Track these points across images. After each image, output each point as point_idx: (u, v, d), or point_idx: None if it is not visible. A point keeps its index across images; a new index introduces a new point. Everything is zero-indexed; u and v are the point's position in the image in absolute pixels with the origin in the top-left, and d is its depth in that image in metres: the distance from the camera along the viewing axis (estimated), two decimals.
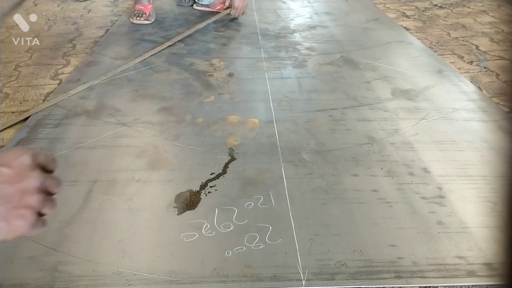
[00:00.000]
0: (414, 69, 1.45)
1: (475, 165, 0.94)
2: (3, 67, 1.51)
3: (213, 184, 0.89)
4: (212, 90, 1.31)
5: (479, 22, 1.99)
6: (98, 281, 0.67)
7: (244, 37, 1.80)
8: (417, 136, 1.05)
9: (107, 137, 1.06)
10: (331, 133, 1.08)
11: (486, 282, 0.67)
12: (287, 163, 0.95)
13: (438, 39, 1.78)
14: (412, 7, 2.28)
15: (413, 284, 0.66)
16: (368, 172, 0.92)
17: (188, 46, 1.69)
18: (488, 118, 1.14)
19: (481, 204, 0.83)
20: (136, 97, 1.26)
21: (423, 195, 0.85)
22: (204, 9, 2.12)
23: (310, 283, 0.66)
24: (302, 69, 1.47)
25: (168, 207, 0.82)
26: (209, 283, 0.66)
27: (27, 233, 0.43)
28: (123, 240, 0.74)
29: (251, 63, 1.52)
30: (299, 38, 1.78)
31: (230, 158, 0.97)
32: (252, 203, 0.83)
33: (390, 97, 1.25)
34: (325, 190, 0.87)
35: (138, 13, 1.96)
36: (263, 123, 1.12)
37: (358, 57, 1.55)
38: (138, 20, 1.96)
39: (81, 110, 1.19)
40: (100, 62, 1.53)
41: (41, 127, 1.10)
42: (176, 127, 1.11)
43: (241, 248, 0.72)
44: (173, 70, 1.46)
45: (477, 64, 1.51)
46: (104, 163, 0.96)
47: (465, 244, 0.73)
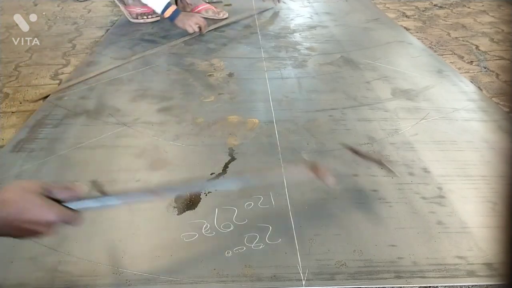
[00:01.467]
0: (414, 69, 1.45)
1: (475, 165, 0.94)
2: (3, 67, 1.51)
3: (213, 184, 0.89)
4: (212, 90, 1.31)
5: (479, 22, 1.99)
6: (98, 281, 0.67)
7: (244, 37, 1.80)
8: (417, 136, 1.05)
9: (107, 137, 1.06)
10: (331, 133, 1.08)
11: (486, 282, 0.67)
12: (287, 163, 0.95)
13: (438, 39, 1.78)
14: (412, 7, 2.28)
15: (413, 284, 0.66)
16: (368, 172, 0.92)
17: (188, 46, 1.69)
18: (488, 118, 1.14)
19: (481, 204, 0.83)
20: (136, 97, 1.27)
21: (423, 195, 0.85)
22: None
23: (310, 283, 0.66)
24: (302, 69, 1.47)
25: (168, 207, 0.82)
26: (209, 283, 0.66)
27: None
28: (123, 240, 0.74)
29: (251, 63, 1.52)
30: (299, 38, 1.78)
31: (230, 158, 0.97)
32: (252, 203, 0.83)
33: (390, 97, 1.26)
34: (325, 190, 0.87)
35: (143, 13, 1.96)
36: (263, 123, 1.12)
37: (358, 57, 1.55)
38: (150, 19, 1.96)
39: (81, 110, 1.19)
40: (100, 62, 1.53)
41: (41, 127, 1.10)
42: (176, 127, 1.11)
43: (241, 248, 0.72)
44: (173, 70, 1.46)
45: (477, 64, 1.51)
46: (104, 163, 0.96)
47: (465, 244, 0.73)
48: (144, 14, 1.96)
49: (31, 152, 0.99)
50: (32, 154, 0.98)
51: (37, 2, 2.37)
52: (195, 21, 1.73)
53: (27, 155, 0.98)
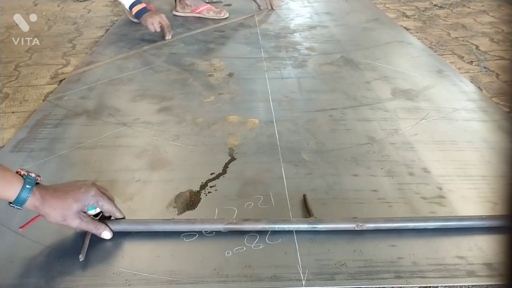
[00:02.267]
0: (414, 69, 1.45)
1: (475, 165, 0.94)
2: (3, 67, 1.51)
3: (213, 184, 0.89)
4: (212, 90, 1.31)
5: (479, 22, 1.99)
6: (98, 281, 0.67)
7: (244, 37, 1.80)
8: (417, 136, 1.05)
9: (107, 137, 1.06)
10: (331, 133, 1.08)
11: (486, 282, 0.67)
12: (287, 163, 0.95)
13: (438, 39, 1.78)
14: (412, 7, 2.28)
15: (413, 284, 0.66)
16: (368, 172, 0.92)
17: (188, 46, 1.69)
18: (488, 118, 1.14)
19: (481, 204, 0.83)
20: (136, 97, 1.27)
21: (423, 195, 0.85)
22: (187, 15, 2.06)
23: (310, 283, 0.66)
24: (302, 69, 1.47)
25: (168, 207, 0.82)
26: (209, 283, 0.66)
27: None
28: (123, 240, 0.74)
29: (251, 63, 1.52)
30: (299, 38, 1.78)
31: (230, 158, 0.97)
32: (252, 203, 0.83)
33: (390, 97, 1.26)
34: (325, 190, 0.87)
35: None
36: (263, 123, 1.12)
37: (358, 57, 1.55)
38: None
39: (81, 110, 1.19)
40: (100, 62, 1.53)
41: (41, 127, 1.10)
42: (176, 127, 1.11)
43: (241, 248, 0.72)
44: (173, 70, 1.46)
45: (477, 64, 1.51)
46: (104, 163, 0.96)
47: (465, 244, 0.73)
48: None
49: (31, 152, 0.99)
50: (32, 154, 0.98)
51: (37, 2, 2.37)
52: (158, 20, 1.69)
53: (27, 155, 0.98)
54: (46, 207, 0.65)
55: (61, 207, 0.66)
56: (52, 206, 0.66)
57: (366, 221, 0.75)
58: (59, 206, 0.66)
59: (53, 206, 0.66)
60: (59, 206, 0.66)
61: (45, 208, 0.65)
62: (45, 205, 0.65)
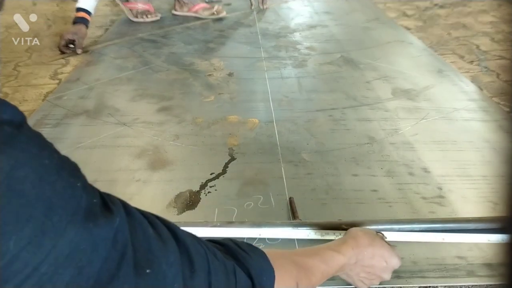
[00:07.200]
0: (414, 68, 1.45)
1: (475, 165, 0.94)
2: (3, 67, 1.51)
3: (213, 184, 0.89)
4: (211, 90, 1.31)
5: (480, 21, 1.98)
6: None
7: (244, 36, 1.80)
8: (417, 136, 1.05)
9: (107, 137, 1.06)
10: (331, 133, 1.07)
11: (486, 282, 0.67)
12: (287, 163, 0.95)
13: (439, 38, 1.78)
14: (413, 7, 2.27)
15: (413, 284, 0.66)
16: (368, 172, 0.92)
17: (188, 45, 1.69)
18: (488, 118, 1.14)
19: (481, 204, 0.83)
20: (136, 97, 1.26)
21: (423, 195, 0.85)
22: (185, 14, 2.06)
23: None
24: (302, 68, 1.47)
25: (168, 207, 0.82)
26: None
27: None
28: None
29: (251, 63, 1.52)
30: (299, 37, 1.78)
31: (230, 158, 0.97)
32: (252, 203, 0.83)
33: (390, 97, 1.25)
34: (325, 190, 0.87)
35: (143, 12, 1.96)
36: (263, 123, 1.12)
37: (358, 57, 1.55)
38: (149, 18, 1.96)
39: (80, 110, 1.19)
40: (99, 61, 1.53)
41: (40, 127, 1.10)
42: (176, 127, 1.11)
43: None
44: (173, 70, 1.46)
45: (478, 64, 1.51)
46: (104, 163, 0.96)
47: (465, 244, 0.73)
48: (144, 13, 1.96)
49: None
50: None
51: (37, 2, 2.37)
52: (69, 37, 1.58)
53: None
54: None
55: None
56: None
57: (351, 224, 0.71)
58: None
59: None
60: None
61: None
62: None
